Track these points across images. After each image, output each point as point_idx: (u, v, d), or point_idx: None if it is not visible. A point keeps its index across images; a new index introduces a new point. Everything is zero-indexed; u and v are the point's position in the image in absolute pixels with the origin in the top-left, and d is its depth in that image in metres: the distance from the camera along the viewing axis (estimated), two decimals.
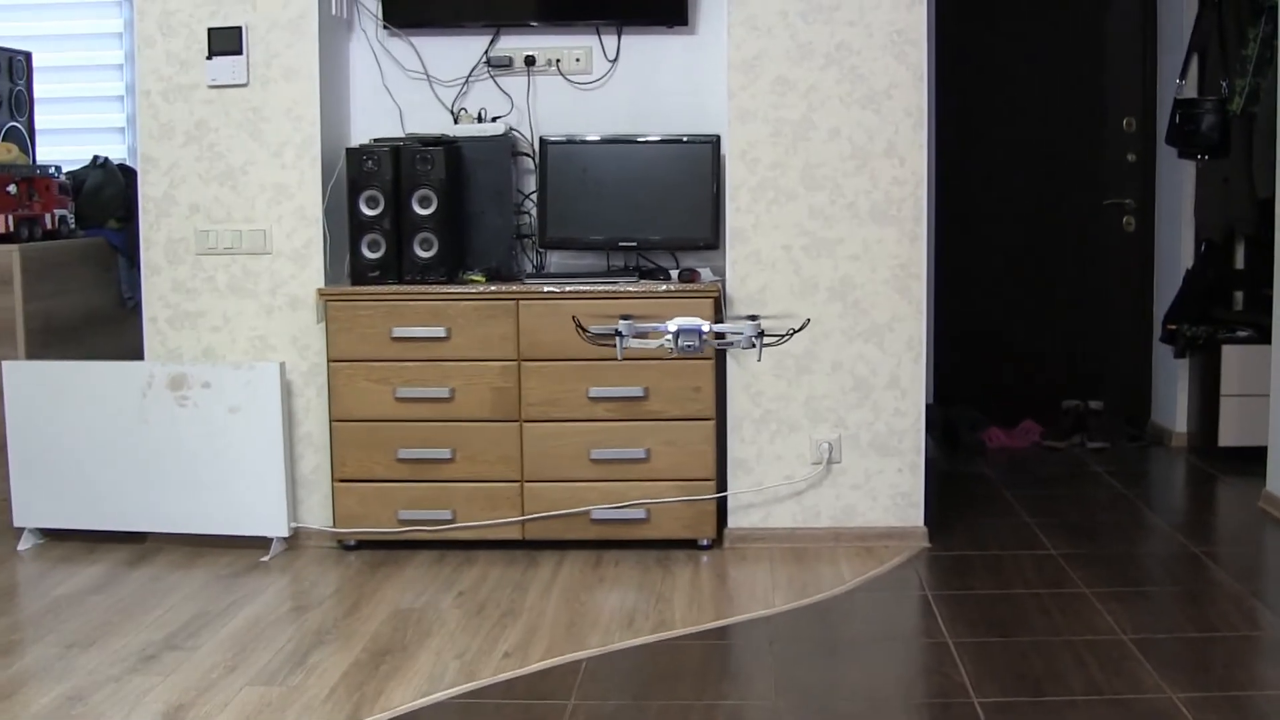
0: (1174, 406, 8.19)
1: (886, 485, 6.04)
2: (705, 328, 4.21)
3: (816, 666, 4.72)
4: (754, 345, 4.56)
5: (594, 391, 5.90)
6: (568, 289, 5.88)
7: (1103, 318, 8.51)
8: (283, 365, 5.99)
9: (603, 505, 5.96)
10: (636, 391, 5.88)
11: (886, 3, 5.88)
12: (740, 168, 5.95)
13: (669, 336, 4.37)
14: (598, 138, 6.21)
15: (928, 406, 6.28)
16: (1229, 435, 7.57)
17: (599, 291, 5.87)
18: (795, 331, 5.00)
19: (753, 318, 4.35)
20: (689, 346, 4.23)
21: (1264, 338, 7.03)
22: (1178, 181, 8.11)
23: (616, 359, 4.75)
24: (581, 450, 5.94)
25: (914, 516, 6.06)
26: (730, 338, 4.70)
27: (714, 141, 6.11)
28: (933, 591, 5.44)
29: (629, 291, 5.86)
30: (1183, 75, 7.90)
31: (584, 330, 4.59)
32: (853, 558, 5.88)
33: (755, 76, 5.91)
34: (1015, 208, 8.46)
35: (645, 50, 6.39)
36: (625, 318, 4.54)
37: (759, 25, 5.89)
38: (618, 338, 4.53)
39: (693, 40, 6.37)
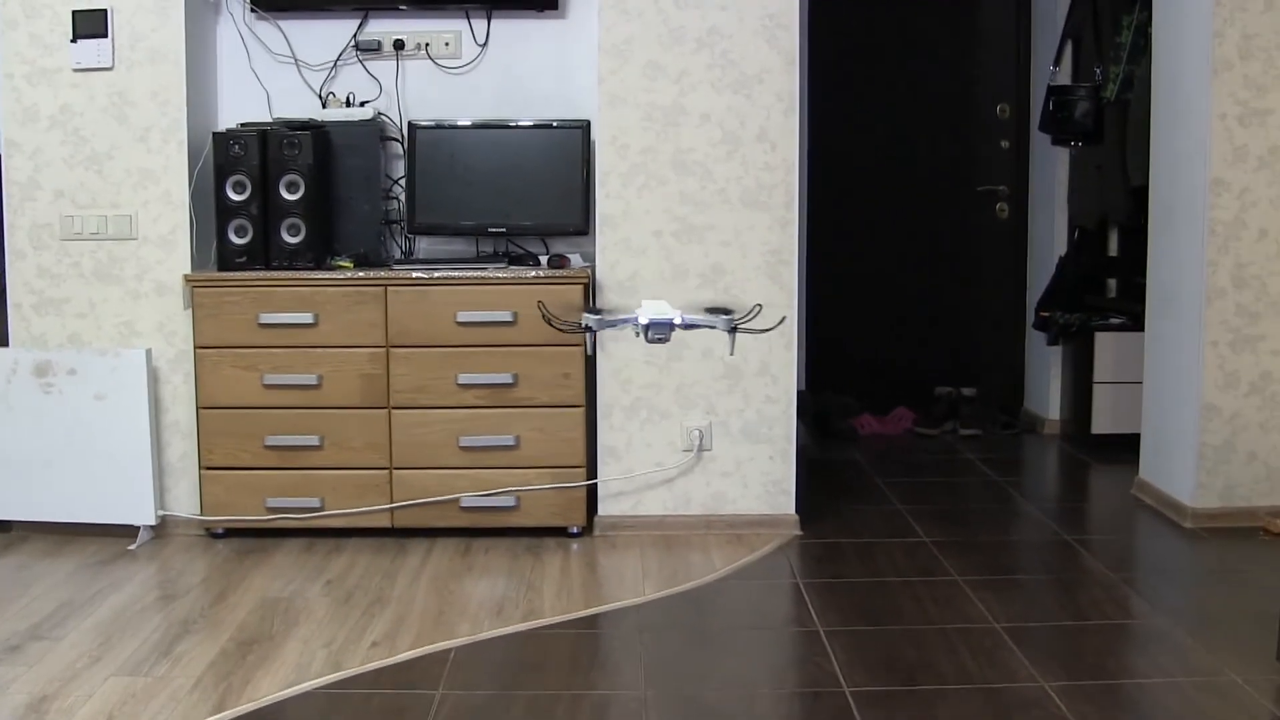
0: (1047, 394, 8.21)
1: (758, 473, 5.98)
2: (677, 319, 4.04)
3: (686, 656, 4.64)
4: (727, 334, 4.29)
5: (463, 378, 5.79)
6: (436, 275, 5.78)
7: (976, 305, 8.52)
8: (149, 352, 5.85)
9: (472, 493, 5.86)
10: (506, 378, 5.79)
11: None
12: (610, 153, 5.86)
13: (638, 328, 4.13)
14: (467, 123, 6.10)
15: (800, 393, 6.24)
16: (1102, 422, 7.60)
17: (467, 278, 5.77)
18: (775, 326, 4.90)
19: (725, 311, 4.11)
20: (659, 339, 4.06)
21: (1136, 325, 7.05)
22: (1051, 169, 8.13)
23: (588, 352, 4.63)
24: (451, 437, 5.84)
25: (785, 504, 6.00)
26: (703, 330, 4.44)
27: (584, 127, 6.02)
28: (804, 579, 5.39)
29: (498, 278, 5.75)
30: (1057, 62, 7.91)
31: (551, 320, 4.33)
32: (724, 545, 5.81)
33: (625, 61, 5.83)
34: (889, 195, 8.45)
35: (515, 34, 6.28)
36: (594, 311, 4.24)
37: (629, 9, 5.80)
38: (587, 333, 4.42)
39: (563, 24, 6.27)
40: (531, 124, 6.08)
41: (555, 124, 6.06)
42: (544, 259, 6.01)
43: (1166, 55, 6.42)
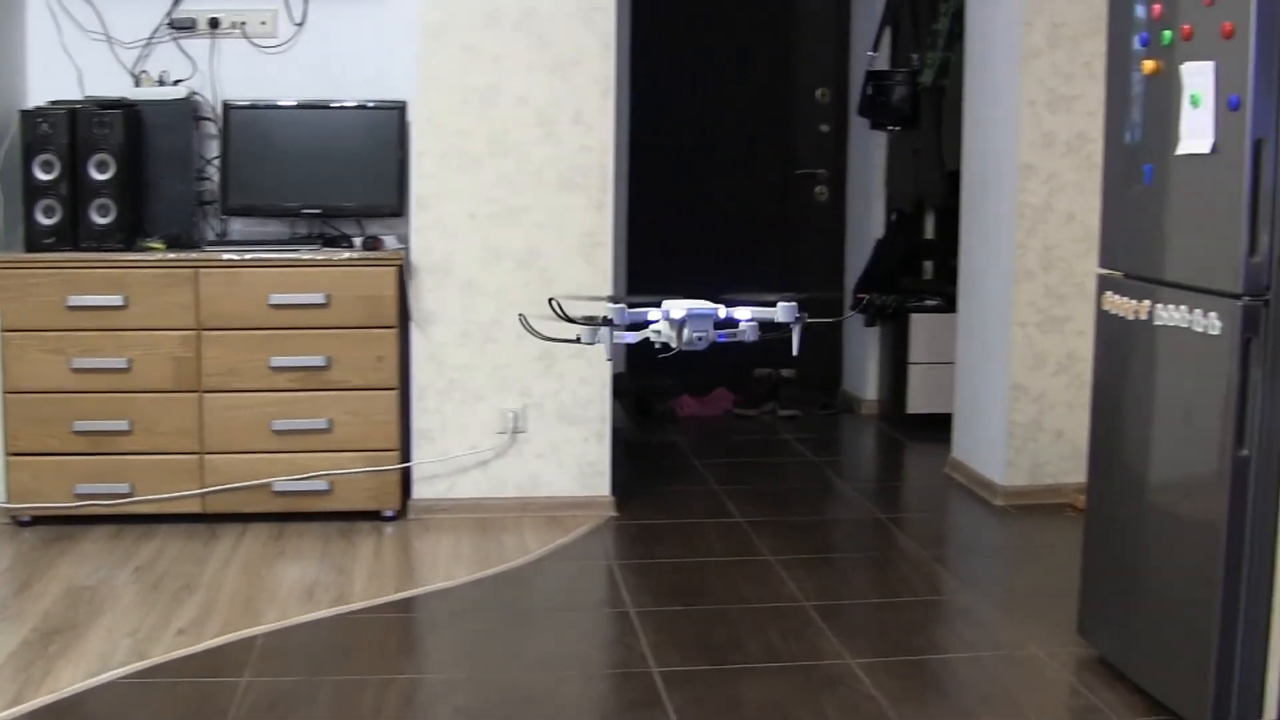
0: (864, 374, 8.29)
1: (573, 454, 5.98)
2: (722, 312, 3.24)
3: (497, 638, 4.64)
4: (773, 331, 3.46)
5: (276, 361, 5.72)
6: (248, 257, 5.70)
7: (794, 287, 8.52)
8: None
9: (285, 477, 5.79)
10: (319, 361, 5.73)
11: None
12: (426, 134, 5.83)
13: (668, 327, 3.30)
14: (283, 103, 6.02)
15: (619, 375, 6.25)
16: (917, 402, 7.68)
17: (280, 260, 5.71)
18: (845, 318, 4.62)
19: (788, 297, 3.35)
20: (698, 339, 3.23)
21: (951, 307, 7.13)
22: (869, 152, 8.21)
23: (605, 359, 3.48)
24: (263, 421, 5.76)
25: (600, 486, 6.01)
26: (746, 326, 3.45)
27: (400, 108, 5.97)
28: (618, 561, 5.40)
29: (311, 260, 5.70)
30: (875, 47, 7.98)
31: (563, 315, 3.35)
32: (539, 528, 5.81)
33: (442, 42, 5.79)
34: (709, 178, 8.46)
35: (332, 14, 6.19)
36: (616, 300, 3.33)
37: None
38: (607, 328, 3.35)
39: (380, 5, 6.18)
40: (347, 105, 6.02)
41: (371, 105, 6.00)
42: (358, 241, 5.95)
43: (978, 42, 6.52)
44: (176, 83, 6.05)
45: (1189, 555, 3.84)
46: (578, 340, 3.30)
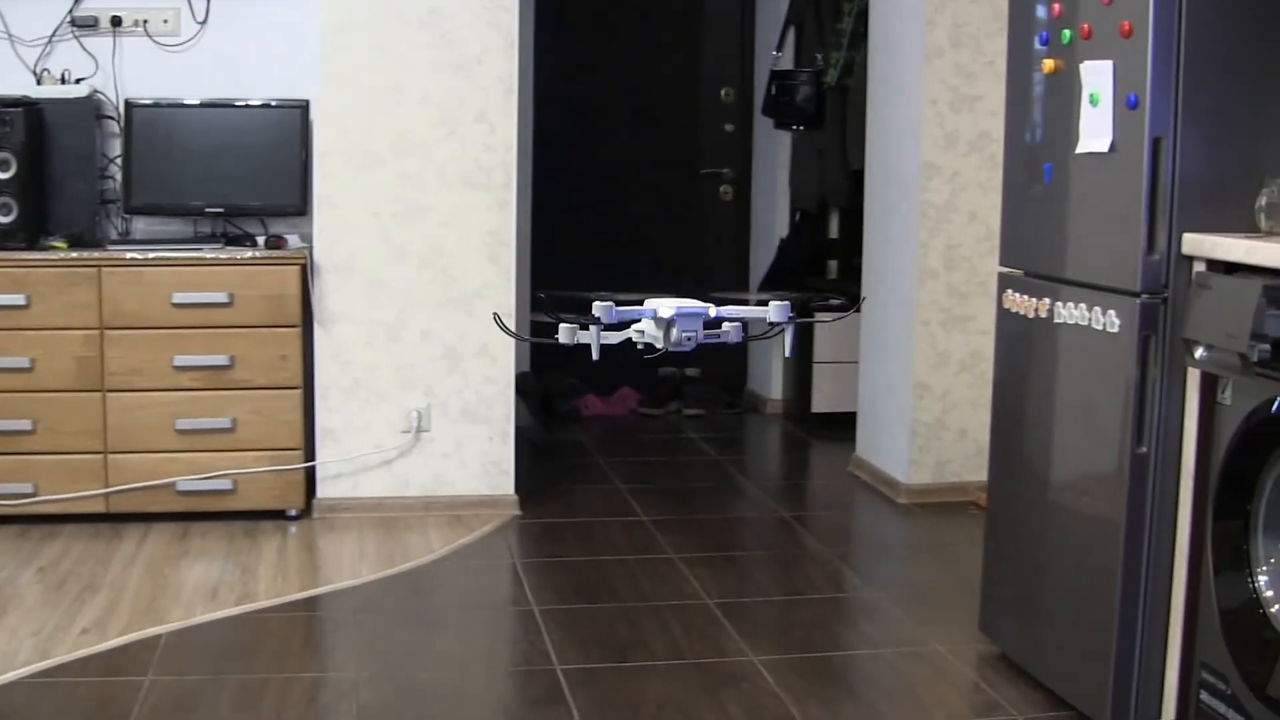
0: (769, 373, 8.31)
1: (477, 453, 5.96)
2: (711, 312, 3.12)
3: (400, 637, 4.61)
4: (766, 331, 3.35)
5: (179, 360, 5.66)
6: (151, 256, 5.63)
7: (699, 286, 8.53)
8: None
9: (189, 476, 5.73)
10: (222, 360, 5.68)
11: None
12: (330, 133, 5.79)
13: (654, 327, 3.17)
14: (185, 101, 5.96)
15: (524, 374, 6.24)
16: (822, 401, 7.70)
17: (183, 259, 5.64)
18: (846, 315, 4.55)
19: (782, 297, 3.22)
20: (688, 339, 3.11)
21: (855, 306, 7.15)
22: (774, 152, 8.23)
23: (593, 358, 3.29)
24: (167, 420, 5.70)
25: (505, 484, 5.99)
26: (760, 328, 3.34)
27: (303, 107, 5.92)
28: (521, 560, 5.39)
29: (214, 259, 5.64)
30: (779, 47, 7.98)
31: (552, 313, 3.29)
32: (443, 527, 5.78)
33: (346, 41, 5.75)
34: (613, 176, 8.45)
35: (235, 12, 6.13)
36: (601, 298, 3.18)
37: None
38: (595, 329, 3.23)
39: (283, 3, 6.13)
40: (250, 104, 5.96)
41: (274, 104, 5.95)
42: (261, 240, 5.90)
43: (881, 41, 6.54)
44: (79, 81, 5.97)
45: (1089, 552, 3.87)
46: (555, 340, 3.19)
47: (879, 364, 6.59)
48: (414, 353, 5.88)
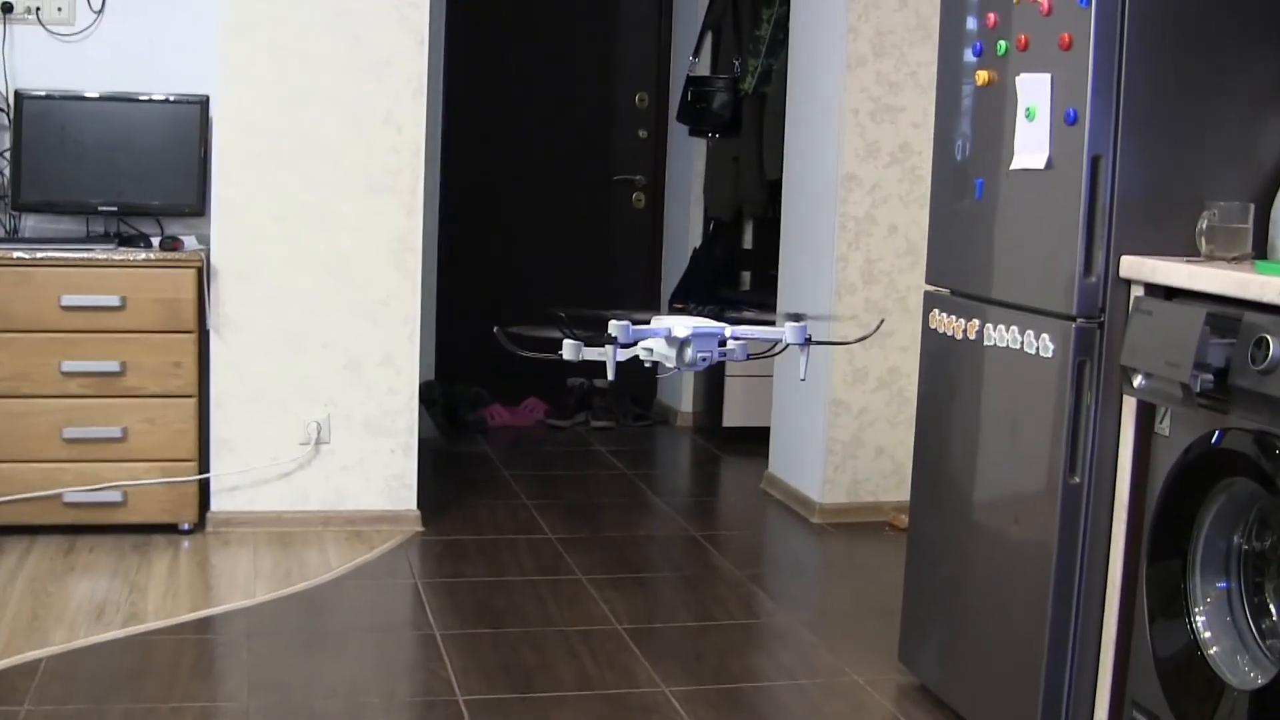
0: (680, 386, 8.16)
1: (379, 467, 5.75)
2: (727, 332, 3.08)
3: (295, 662, 4.41)
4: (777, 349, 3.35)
5: (67, 366, 5.43)
6: (39, 255, 5.39)
7: (610, 295, 8.42)
8: None
9: (76, 487, 5.49)
10: (113, 366, 5.45)
11: None
12: (230, 131, 5.57)
13: (665, 346, 3.10)
14: (79, 94, 5.71)
15: (428, 383, 6.05)
16: (733, 415, 7.57)
17: (73, 259, 5.40)
18: (865, 337, 4.64)
19: (796, 317, 3.21)
20: (703, 360, 3.08)
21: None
22: (688, 160, 8.08)
23: (609, 378, 3.13)
24: (54, 429, 5.46)
25: (407, 499, 5.79)
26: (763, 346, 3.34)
27: (202, 102, 5.69)
28: (423, 579, 5.19)
29: (106, 260, 5.41)
30: (696, 53, 7.86)
31: (566, 329, 3.10)
32: (342, 543, 5.57)
33: (248, 36, 5.53)
34: (524, 182, 8.27)
35: (134, 2, 5.89)
36: (618, 317, 3.07)
37: None
38: (612, 349, 3.08)
39: None
40: (148, 98, 5.73)
41: (172, 99, 5.72)
42: (157, 240, 5.67)
43: (803, 49, 6.40)
44: None
45: (1017, 583, 3.73)
46: (559, 357, 3.07)
47: (794, 379, 6.39)
48: (315, 362, 5.67)
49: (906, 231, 6.02)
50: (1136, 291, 3.44)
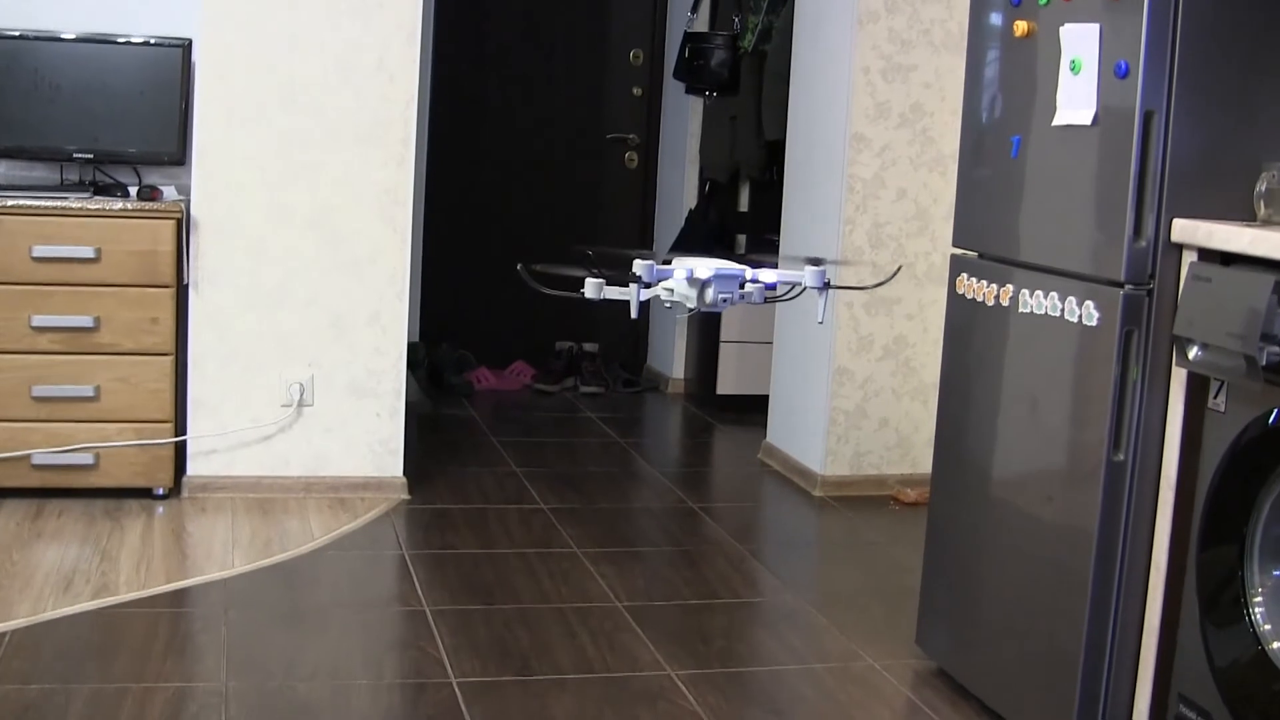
0: (671, 351, 7.94)
1: (363, 431, 5.51)
2: (748, 274, 3.10)
3: (276, 639, 4.16)
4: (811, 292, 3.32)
5: (37, 320, 5.18)
6: (9, 204, 5.13)
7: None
8: None
9: (45, 449, 5.24)
10: (86, 321, 5.20)
11: None
12: (212, 76, 5.30)
13: (686, 286, 3.14)
14: (55, 35, 5.44)
15: (413, 345, 5.81)
16: (727, 383, 7.37)
17: (45, 208, 5.15)
18: (884, 282, 4.53)
19: (816, 261, 3.23)
20: (724, 300, 3.12)
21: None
22: (684, 119, 7.86)
23: (631, 316, 3.28)
24: (22, 386, 5.21)
25: (392, 466, 5.55)
26: (781, 289, 3.36)
27: (185, 46, 5.43)
28: (410, 550, 4.94)
29: (80, 209, 5.15)
30: (694, 9, 7.66)
31: (593, 269, 3.22)
32: (324, 511, 5.33)
33: None
34: (514, 138, 8.03)
35: None
36: (642, 256, 3.16)
37: None
38: (635, 287, 3.16)
39: None
40: (129, 40, 5.46)
41: (153, 41, 5.46)
42: (134, 190, 5.41)
43: (809, 4, 6.15)
44: None
45: (1051, 565, 3.50)
46: (581, 294, 3.15)
47: (795, 347, 6.20)
48: (298, 320, 5.42)
49: (916, 195, 5.81)
50: (1190, 257, 3.21)
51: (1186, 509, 3.24)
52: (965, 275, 3.90)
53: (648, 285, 3.15)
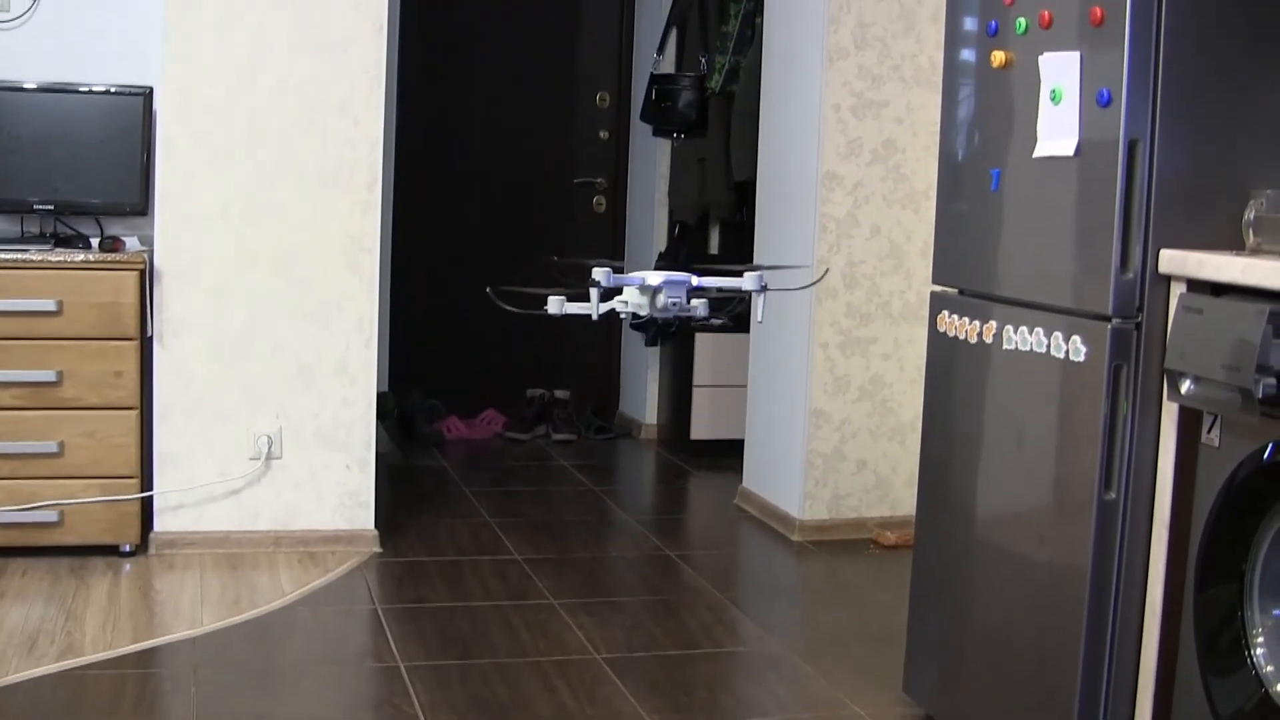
0: (644, 397, 7.85)
1: (333, 483, 5.40)
2: (695, 281, 3.38)
3: (247, 699, 4.04)
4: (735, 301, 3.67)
5: None
6: None
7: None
8: None
9: (8, 506, 5.13)
10: (48, 376, 5.10)
11: None
12: (173, 120, 5.22)
13: (638, 295, 3.41)
14: (15, 84, 5.36)
15: (382, 394, 5.71)
16: (701, 428, 7.29)
17: (6, 260, 5.05)
18: (814, 282, 4.71)
19: (755, 268, 3.49)
20: (673, 304, 3.36)
21: (738, 326, 6.78)
22: (652, 161, 7.79)
23: (592, 318, 3.49)
24: None
25: (363, 518, 5.45)
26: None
27: (146, 94, 5.35)
28: (383, 605, 4.83)
29: (40, 261, 5.05)
30: (660, 50, 7.59)
31: (558, 273, 3.54)
32: (294, 565, 5.21)
33: (194, 18, 5.19)
34: (481, 182, 7.95)
35: None
36: (601, 264, 3.42)
37: None
38: (594, 290, 3.41)
39: None
40: (89, 89, 5.37)
41: (114, 90, 5.37)
42: (96, 241, 5.31)
43: (778, 41, 6.09)
44: None
45: (1042, 607, 3.42)
46: (597, 286, 3.35)
47: (770, 389, 6.12)
48: (264, 370, 5.32)
49: (890, 233, 5.74)
50: (1178, 288, 3.14)
51: (1182, 547, 3.16)
52: (946, 312, 3.83)
53: (606, 291, 3.38)
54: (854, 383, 5.79)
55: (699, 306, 3.43)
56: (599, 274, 3.37)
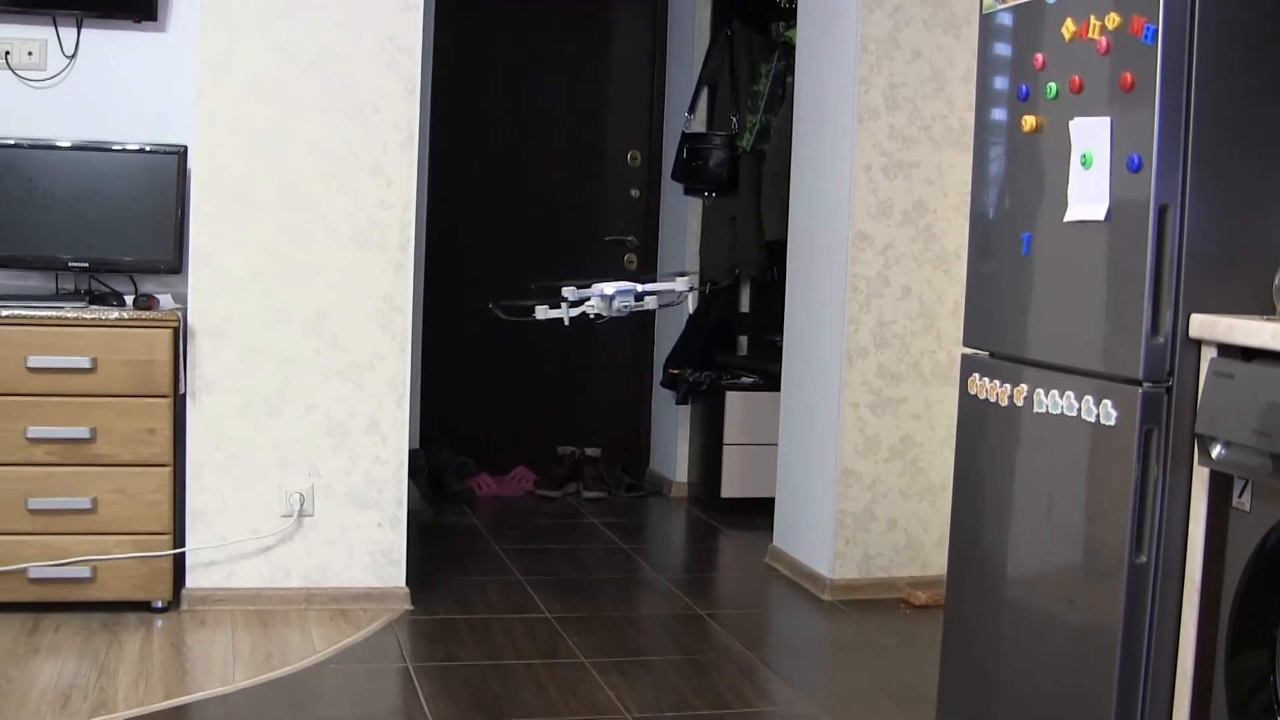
0: (674, 455, 7.85)
1: (364, 541, 5.41)
2: (639, 288, 4.70)
3: None
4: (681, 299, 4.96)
5: (33, 431, 5.09)
6: (5, 314, 5.06)
7: (601, 360, 8.12)
8: None
9: (41, 562, 5.14)
10: (82, 433, 5.12)
11: (378, 6, 5.29)
12: (206, 180, 5.25)
13: (600, 302, 4.73)
14: (50, 143, 5.40)
15: (414, 452, 5.73)
16: (732, 486, 7.28)
17: (41, 318, 5.08)
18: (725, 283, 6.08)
19: (682, 274, 4.87)
20: (625, 306, 4.64)
21: (770, 384, 6.78)
22: (683, 220, 7.81)
23: (564, 324, 4.93)
24: (18, 498, 5.12)
25: (395, 576, 5.45)
26: (663, 295, 4.95)
27: (180, 153, 5.39)
28: (414, 663, 4.84)
29: (76, 319, 5.08)
30: (691, 109, 7.61)
31: (541, 300, 4.85)
32: (326, 623, 5.22)
33: (227, 79, 5.23)
34: (512, 240, 7.97)
35: (109, 47, 5.60)
36: (567, 283, 4.77)
37: (233, 22, 5.21)
38: (564, 305, 4.75)
39: (163, 38, 5.62)
40: (123, 148, 5.42)
41: (148, 149, 5.41)
42: (130, 299, 5.35)
43: (809, 102, 6.12)
44: None
45: (1072, 670, 3.42)
46: (532, 318, 4.76)
47: (801, 448, 6.12)
48: (297, 428, 5.34)
49: (920, 293, 5.75)
50: (1209, 353, 3.15)
51: (1213, 612, 3.16)
52: (977, 375, 3.84)
53: (574, 304, 4.73)
54: (884, 442, 5.80)
55: (650, 301, 4.78)
56: (567, 291, 4.72)
